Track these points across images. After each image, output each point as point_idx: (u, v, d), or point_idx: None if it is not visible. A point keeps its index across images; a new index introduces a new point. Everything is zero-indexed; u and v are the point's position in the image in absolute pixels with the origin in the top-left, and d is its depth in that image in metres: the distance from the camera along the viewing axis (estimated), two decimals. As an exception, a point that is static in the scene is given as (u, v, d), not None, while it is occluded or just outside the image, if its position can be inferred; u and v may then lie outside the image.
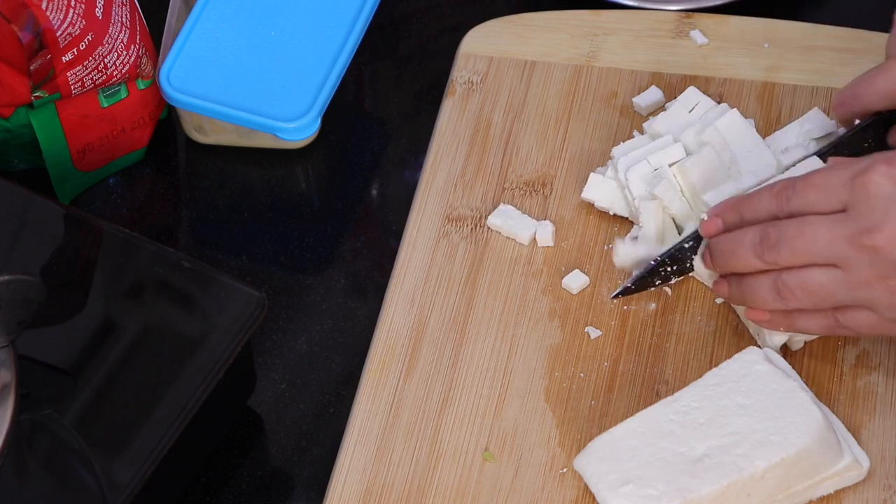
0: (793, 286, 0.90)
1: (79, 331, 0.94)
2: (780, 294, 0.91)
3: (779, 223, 0.91)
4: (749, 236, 0.92)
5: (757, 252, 0.91)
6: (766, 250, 0.90)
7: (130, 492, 0.89)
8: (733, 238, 0.93)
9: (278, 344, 1.04)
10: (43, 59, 1.02)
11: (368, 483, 0.93)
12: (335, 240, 1.09)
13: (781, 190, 0.91)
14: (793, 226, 0.90)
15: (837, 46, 1.08)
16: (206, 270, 0.96)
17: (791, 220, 0.90)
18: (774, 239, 0.90)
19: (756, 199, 0.93)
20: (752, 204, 0.93)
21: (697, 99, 1.05)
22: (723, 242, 0.94)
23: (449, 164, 1.06)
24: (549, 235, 1.02)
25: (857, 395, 0.95)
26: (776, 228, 0.90)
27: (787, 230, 0.90)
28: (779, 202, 0.91)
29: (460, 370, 0.97)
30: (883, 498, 0.91)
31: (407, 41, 1.17)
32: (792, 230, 0.90)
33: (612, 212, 1.02)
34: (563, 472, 0.93)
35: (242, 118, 1.07)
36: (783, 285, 0.90)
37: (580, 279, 1.00)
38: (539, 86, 1.09)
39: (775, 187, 0.92)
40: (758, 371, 0.91)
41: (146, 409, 0.91)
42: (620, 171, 1.01)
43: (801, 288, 0.90)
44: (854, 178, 0.88)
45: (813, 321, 0.92)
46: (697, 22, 1.11)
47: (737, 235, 0.93)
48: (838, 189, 0.89)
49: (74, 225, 0.99)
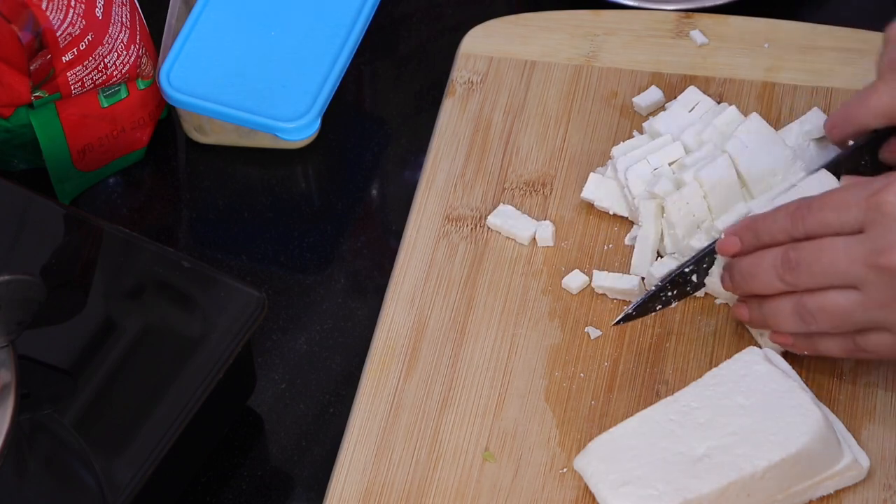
0: (813, 309, 0.90)
1: (79, 331, 0.94)
2: (801, 317, 0.91)
3: (798, 246, 0.90)
4: (769, 258, 0.91)
5: (778, 274, 0.91)
6: (786, 272, 0.90)
7: (130, 492, 0.89)
8: (753, 260, 0.93)
9: (278, 344, 1.04)
10: (43, 59, 1.02)
11: (368, 483, 0.93)
12: (335, 240, 1.09)
13: (797, 209, 0.91)
14: (811, 249, 0.90)
15: (837, 46, 1.08)
16: (206, 270, 0.96)
17: (809, 242, 0.90)
18: (794, 262, 0.90)
19: (771, 219, 0.92)
20: (767, 223, 0.93)
21: (697, 99, 1.05)
22: (742, 265, 0.93)
23: (449, 164, 1.06)
24: (549, 235, 1.02)
25: (857, 395, 0.95)
26: (795, 251, 0.90)
27: (806, 253, 0.90)
28: (794, 222, 0.91)
29: (460, 370, 0.97)
30: (883, 498, 0.91)
31: (407, 41, 1.17)
32: (810, 253, 0.90)
33: (611, 212, 1.02)
34: (563, 472, 0.93)
35: (242, 118, 1.07)
36: (804, 308, 0.90)
37: (580, 279, 1.00)
38: (539, 86, 1.09)
39: (790, 207, 0.92)
40: (758, 371, 0.91)
41: (146, 409, 0.91)
42: (620, 171, 1.01)
43: (821, 310, 0.90)
44: (870, 198, 0.88)
45: (834, 344, 0.92)
46: (697, 22, 1.11)
47: (756, 258, 0.92)
48: (854, 209, 0.88)
49: (74, 225, 0.99)
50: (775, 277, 0.91)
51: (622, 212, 1.02)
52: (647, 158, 1.01)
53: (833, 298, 0.89)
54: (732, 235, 0.94)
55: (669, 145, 1.02)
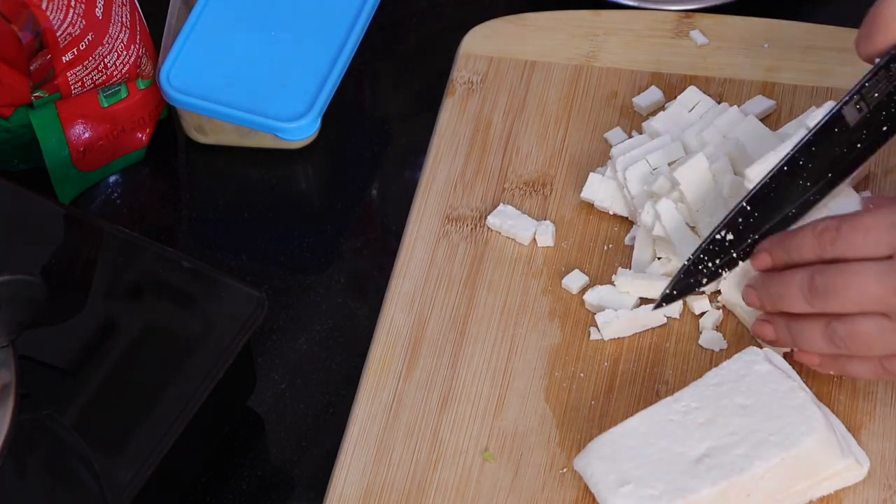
0: (843, 335, 0.89)
1: (79, 331, 0.94)
2: (831, 341, 0.90)
3: (826, 271, 0.89)
4: (797, 281, 0.90)
5: (806, 298, 0.90)
6: (814, 298, 0.90)
7: (130, 492, 0.89)
8: (781, 281, 0.91)
9: (278, 344, 1.04)
10: (43, 59, 1.02)
11: (368, 483, 0.93)
12: (335, 240, 1.09)
13: (824, 231, 0.90)
14: (839, 276, 0.89)
15: (837, 46, 1.08)
16: (206, 270, 0.96)
17: (837, 267, 0.89)
18: (822, 289, 0.89)
19: (799, 239, 0.91)
20: (796, 243, 0.91)
21: (697, 98, 1.05)
22: (771, 285, 0.92)
23: (449, 164, 1.06)
24: (549, 235, 1.02)
25: (857, 395, 0.95)
26: (822, 276, 0.89)
27: (835, 281, 0.89)
28: (822, 244, 0.90)
29: (460, 370, 0.97)
30: (883, 498, 0.91)
31: (407, 41, 1.17)
32: (839, 281, 0.89)
33: (611, 211, 1.02)
34: (563, 472, 0.93)
35: (242, 118, 1.07)
36: (834, 333, 0.90)
37: (580, 279, 1.00)
38: (539, 86, 1.09)
39: (817, 227, 0.90)
40: (758, 371, 0.91)
41: (146, 409, 0.91)
42: (619, 171, 1.01)
43: (851, 337, 0.89)
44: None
45: (861, 367, 0.91)
46: (697, 22, 1.11)
47: (785, 279, 0.91)
48: (885, 234, 0.88)
49: (74, 225, 0.99)
50: (803, 301, 0.90)
51: (622, 212, 1.02)
52: (646, 158, 1.01)
53: (863, 326, 0.89)
54: (765, 252, 0.93)
55: (669, 145, 1.02)
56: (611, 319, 0.97)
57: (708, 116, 1.04)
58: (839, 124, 0.94)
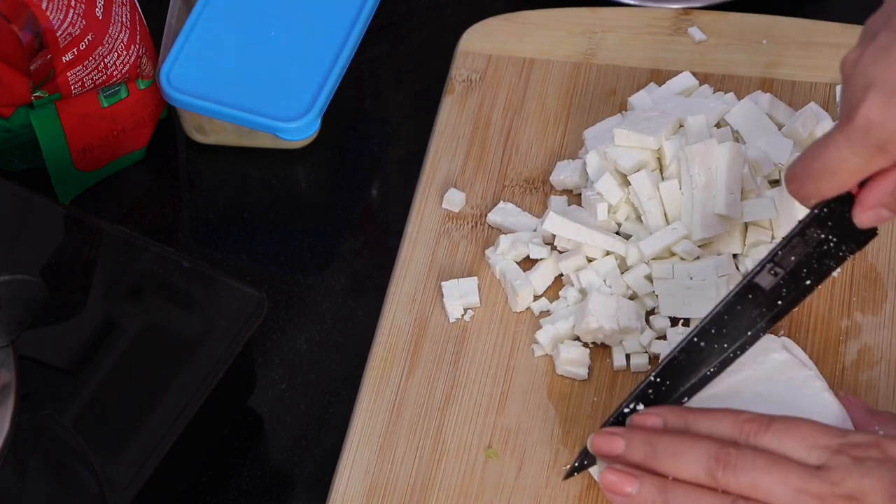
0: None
1: (79, 331, 0.94)
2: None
3: (745, 449, 0.83)
4: (703, 446, 0.83)
5: (708, 466, 0.82)
6: (720, 469, 0.82)
7: (130, 492, 0.89)
8: (682, 441, 0.84)
9: (278, 344, 1.03)
10: (43, 59, 1.02)
11: (372, 481, 0.93)
12: (335, 240, 1.09)
13: (750, 422, 0.84)
14: (762, 459, 0.82)
15: (835, 42, 1.08)
16: (206, 270, 0.96)
17: (760, 452, 0.83)
18: (735, 462, 0.82)
19: (715, 419, 0.85)
20: (708, 421, 0.85)
21: (689, 83, 1.05)
22: (665, 441, 0.84)
23: (449, 162, 1.06)
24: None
25: (859, 389, 0.95)
26: (741, 452, 0.83)
27: (756, 461, 0.82)
28: (744, 433, 0.84)
29: (462, 368, 0.97)
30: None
31: (407, 41, 1.17)
32: (761, 463, 0.82)
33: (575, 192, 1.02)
34: (566, 468, 0.93)
35: (242, 118, 1.07)
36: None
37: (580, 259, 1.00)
38: (538, 83, 1.09)
39: (742, 416, 0.84)
40: (775, 359, 0.91)
41: (146, 409, 0.91)
42: (588, 150, 1.01)
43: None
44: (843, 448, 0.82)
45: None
46: (696, 19, 1.11)
47: (686, 440, 0.84)
48: (821, 450, 0.82)
49: (74, 225, 0.99)
50: (703, 468, 0.83)
51: None
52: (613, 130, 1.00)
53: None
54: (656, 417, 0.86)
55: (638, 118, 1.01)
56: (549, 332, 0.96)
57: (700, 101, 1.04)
58: (754, 291, 0.89)
